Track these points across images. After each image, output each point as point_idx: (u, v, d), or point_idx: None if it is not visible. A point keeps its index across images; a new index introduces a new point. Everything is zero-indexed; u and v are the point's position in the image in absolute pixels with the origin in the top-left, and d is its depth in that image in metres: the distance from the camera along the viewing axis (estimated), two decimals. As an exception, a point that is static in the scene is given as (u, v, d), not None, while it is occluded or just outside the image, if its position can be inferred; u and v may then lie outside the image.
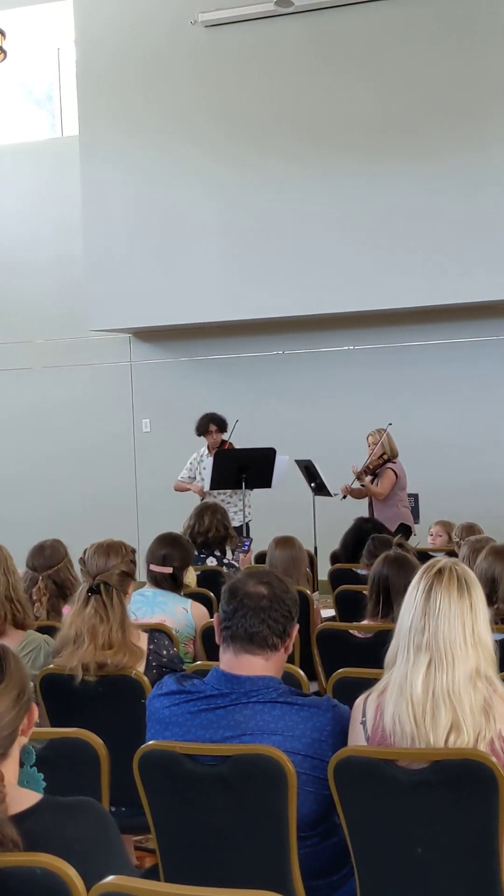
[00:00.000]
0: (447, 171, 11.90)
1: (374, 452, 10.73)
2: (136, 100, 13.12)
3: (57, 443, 14.40)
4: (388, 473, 10.63)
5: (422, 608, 3.31)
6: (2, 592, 4.83)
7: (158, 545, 6.21)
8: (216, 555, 7.93)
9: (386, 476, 10.63)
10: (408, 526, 10.56)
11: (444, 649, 3.27)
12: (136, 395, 14.20)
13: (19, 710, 2.68)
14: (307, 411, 13.20)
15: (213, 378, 13.68)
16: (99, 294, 13.30)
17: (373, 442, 10.79)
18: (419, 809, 3.22)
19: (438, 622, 3.28)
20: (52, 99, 15.50)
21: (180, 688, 3.56)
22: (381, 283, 12.16)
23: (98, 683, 4.55)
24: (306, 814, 3.39)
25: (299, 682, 4.31)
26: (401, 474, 10.69)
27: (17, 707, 2.67)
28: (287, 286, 12.49)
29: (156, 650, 4.77)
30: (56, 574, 5.96)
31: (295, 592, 3.66)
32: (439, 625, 3.28)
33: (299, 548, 7.15)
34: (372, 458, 10.72)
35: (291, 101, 12.50)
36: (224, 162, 12.74)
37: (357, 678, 4.30)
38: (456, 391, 12.76)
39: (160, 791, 3.50)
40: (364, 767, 3.25)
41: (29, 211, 14.62)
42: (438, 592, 3.30)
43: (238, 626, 3.49)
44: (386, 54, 12.11)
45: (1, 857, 2.43)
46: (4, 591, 4.84)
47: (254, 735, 3.41)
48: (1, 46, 8.97)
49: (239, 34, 12.65)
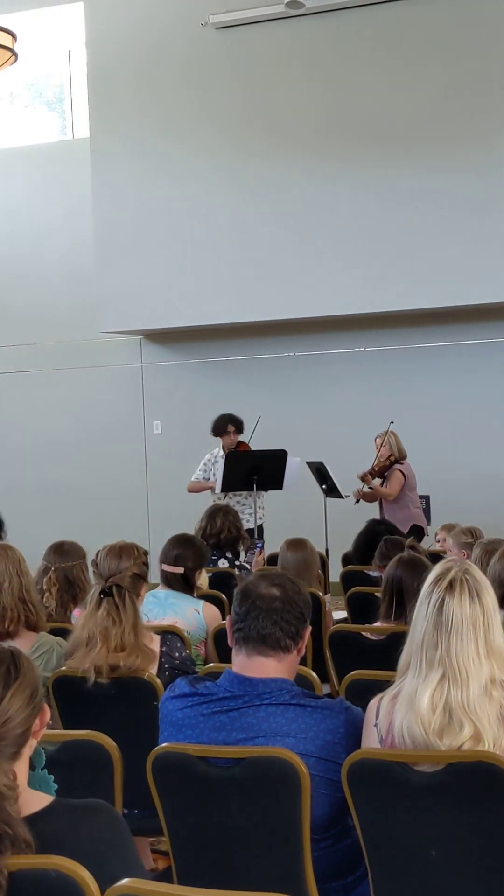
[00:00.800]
0: (454, 173, 11.89)
1: (381, 454, 10.70)
2: (147, 102, 13.13)
3: (67, 445, 14.40)
4: (396, 474, 10.59)
5: (434, 623, 3.29)
6: (15, 593, 4.83)
7: (172, 545, 6.21)
8: (228, 556, 7.92)
9: (394, 477, 10.59)
10: (420, 527, 10.51)
11: (457, 665, 3.25)
12: (147, 396, 14.20)
13: (32, 710, 2.70)
14: (318, 413, 13.18)
15: (223, 380, 13.68)
16: (109, 296, 13.30)
17: (380, 444, 10.76)
18: (433, 811, 3.21)
19: (451, 639, 3.26)
20: (63, 101, 15.51)
21: (193, 690, 3.56)
22: (392, 285, 12.14)
23: (110, 685, 4.55)
24: (320, 816, 3.38)
25: (312, 684, 4.30)
26: (409, 475, 10.64)
27: (30, 706, 2.69)
28: (298, 288, 12.49)
29: (168, 652, 4.77)
30: (69, 570, 5.97)
31: (307, 594, 3.66)
32: (452, 641, 3.26)
33: (311, 550, 7.13)
34: (379, 459, 10.70)
35: (303, 101, 12.49)
36: (235, 164, 12.74)
37: (370, 680, 4.29)
38: (468, 392, 12.74)
39: (173, 793, 3.50)
40: (378, 770, 3.24)
41: (40, 213, 14.63)
42: (451, 608, 3.28)
43: (250, 628, 3.48)
44: (396, 53, 12.09)
45: (15, 859, 2.43)
46: (17, 593, 4.84)
47: (267, 737, 3.41)
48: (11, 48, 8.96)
49: (250, 36, 12.65)
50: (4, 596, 4.81)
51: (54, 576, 5.90)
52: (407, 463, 10.69)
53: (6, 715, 2.64)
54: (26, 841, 2.44)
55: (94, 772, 3.72)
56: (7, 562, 4.88)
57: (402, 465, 10.65)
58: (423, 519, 10.77)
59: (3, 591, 4.80)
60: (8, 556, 4.92)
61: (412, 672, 3.32)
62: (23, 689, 2.69)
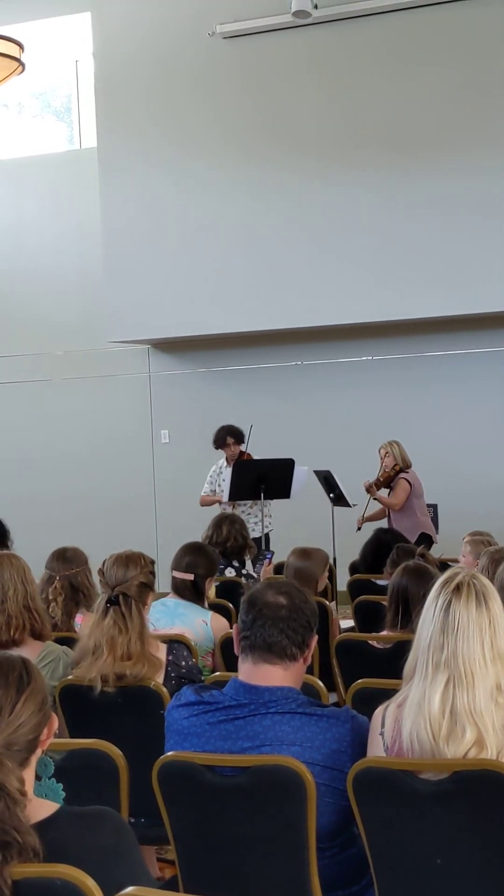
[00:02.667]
0: (463, 183, 11.90)
1: (386, 464, 10.69)
2: (154, 111, 13.15)
3: (75, 454, 14.42)
4: (401, 483, 10.57)
5: (440, 625, 3.29)
6: (20, 601, 4.84)
7: (183, 553, 6.22)
8: (234, 565, 7.92)
9: (399, 486, 10.57)
10: (428, 535, 10.47)
11: (463, 668, 3.25)
12: (155, 406, 14.21)
13: (42, 717, 2.72)
14: (325, 421, 13.19)
15: (231, 389, 13.68)
16: (117, 305, 13.32)
17: (384, 454, 10.75)
18: (438, 820, 3.21)
19: (457, 641, 3.26)
20: (71, 111, 15.54)
21: (199, 698, 3.56)
22: (399, 294, 12.15)
23: (117, 694, 4.55)
24: (325, 825, 3.38)
25: (318, 693, 4.30)
26: (415, 482, 10.62)
27: (40, 714, 2.72)
28: (306, 297, 12.50)
29: (174, 661, 4.77)
30: (74, 577, 5.98)
31: (314, 603, 3.65)
32: (458, 643, 3.26)
33: (316, 561, 7.08)
34: (384, 470, 10.69)
35: (310, 110, 12.51)
36: (242, 173, 12.76)
37: (377, 688, 4.29)
38: (476, 400, 12.73)
39: (179, 802, 3.50)
40: (383, 778, 3.24)
41: (47, 223, 14.66)
42: (457, 610, 3.28)
43: (257, 636, 3.49)
44: (403, 63, 12.11)
45: (21, 867, 2.43)
46: (22, 601, 4.85)
47: (273, 746, 3.41)
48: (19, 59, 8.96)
49: (257, 46, 12.67)
50: (9, 604, 4.81)
51: (59, 585, 5.91)
52: (412, 471, 10.69)
53: (19, 720, 2.67)
54: (34, 849, 2.45)
55: (100, 780, 3.71)
56: (12, 570, 4.89)
57: (408, 474, 10.64)
58: (432, 527, 10.75)
59: (7, 600, 4.81)
60: (13, 564, 4.92)
61: (418, 676, 3.31)
62: (34, 696, 2.72)
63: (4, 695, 2.69)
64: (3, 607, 4.82)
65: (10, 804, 2.44)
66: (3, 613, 4.81)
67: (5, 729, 2.64)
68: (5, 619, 4.81)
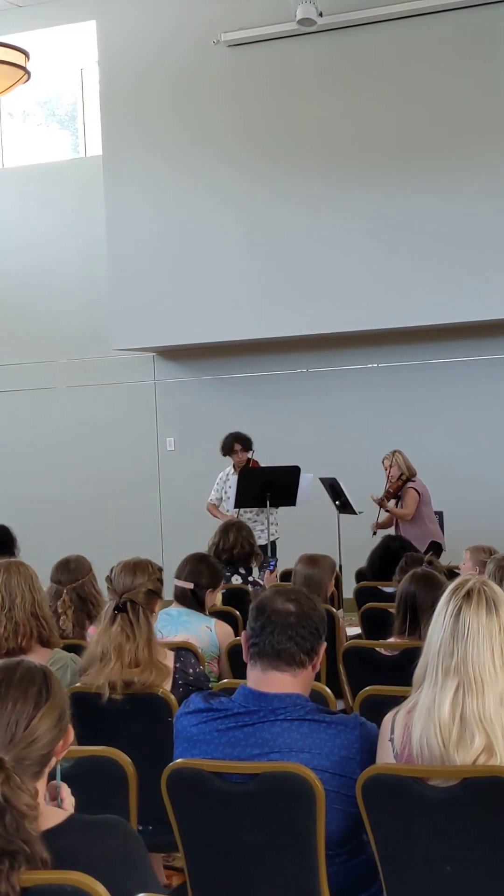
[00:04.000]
0: (469, 189, 11.90)
1: (391, 475, 10.66)
2: (160, 119, 13.17)
3: (81, 462, 14.42)
4: (410, 493, 10.54)
5: (450, 631, 3.29)
6: (27, 609, 4.84)
7: (186, 562, 6.24)
8: (241, 572, 7.92)
9: (409, 496, 10.54)
10: (438, 543, 10.41)
11: (473, 674, 3.25)
12: (161, 413, 14.22)
13: (59, 731, 2.72)
14: (331, 429, 13.18)
15: (237, 396, 13.69)
16: (122, 313, 13.33)
17: (388, 465, 10.71)
18: (448, 827, 3.21)
19: (467, 647, 3.26)
20: (76, 119, 15.56)
21: (208, 706, 3.56)
22: (405, 301, 12.15)
23: (125, 701, 4.55)
24: (334, 832, 3.38)
25: (326, 700, 4.30)
26: (422, 490, 10.60)
27: (56, 728, 2.72)
28: (310, 304, 12.50)
29: (182, 668, 4.77)
30: (80, 588, 6.00)
31: (322, 610, 3.66)
32: (468, 649, 3.26)
33: (324, 568, 7.09)
34: (390, 481, 10.66)
35: (314, 120, 12.52)
36: (247, 180, 12.77)
37: (385, 696, 4.29)
38: (481, 408, 12.72)
39: (188, 809, 3.50)
40: (392, 785, 3.24)
41: (52, 231, 14.67)
42: (467, 616, 3.28)
43: (265, 643, 3.49)
44: (408, 72, 12.12)
45: (31, 874, 2.43)
46: (30, 608, 4.85)
47: (281, 753, 3.41)
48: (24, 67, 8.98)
49: (261, 53, 12.68)
50: (17, 611, 4.81)
51: (67, 598, 5.92)
52: (419, 479, 10.66)
53: (33, 735, 2.67)
54: (43, 858, 2.45)
55: (108, 788, 3.72)
56: (19, 578, 4.89)
57: (415, 482, 10.62)
58: (441, 535, 10.73)
59: (15, 607, 4.81)
60: (20, 572, 4.93)
61: (428, 682, 3.31)
62: (52, 711, 2.72)
63: (22, 710, 2.68)
64: (10, 615, 4.82)
65: (17, 818, 2.44)
66: (11, 621, 4.82)
67: (19, 744, 2.64)
68: (13, 627, 4.81)
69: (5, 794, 2.45)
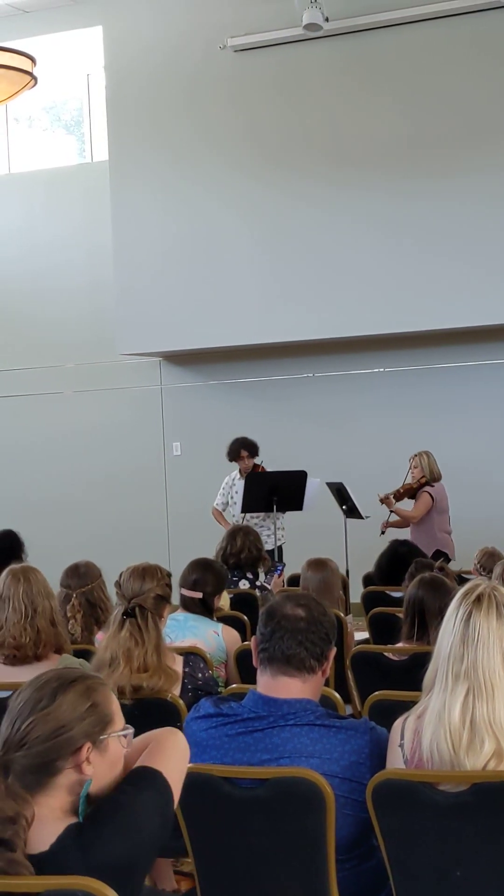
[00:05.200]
0: (478, 192, 11.91)
1: (414, 475, 10.57)
2: (166, 124, 13.18)
3: (88, 467, 14.43)
4: (423, 497, 10.42)
5: (460, 636, 3.29)
6: (47, 617, 4.87)
7: (191, 570, 6.23)
8: (248, 577, 7.92)
9: (421, 499, 10.42)
10: (444, 553, 10.18)
11: (483, 679, 3.24)
12: (167, 418, 14.22)
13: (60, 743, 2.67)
14: (338, 434, 13.18)
15: (243, 401, 13.69)
16: (129, 318, 13.34)
17: (413, 465, 10.64)
18: (458, 832, 3.21)
19: (477, 651, 3.26)
20: (81, 124, 15.58)
21: (217, 711, 3.56)
22: (412, 305, 12.15)
23: (134, 706, 4.54)
24: (344, 836, 3.39)
25: (335, 705, 4.29)
26: (438, 498, 10.44)
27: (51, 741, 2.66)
28: (317, 309, 12.50)
29: (191, 673, 4.77)
30: (89, 592, 6.02)
31: (332, 615, 3.66)
32: (478, 654, 3.26)
33: (333, 570, 7.13)
34: (407, 480, 10.60)
35: (321, 124, 12.53)
36: (254, 185, 12.78)
37: (393, 701, 4.29)
38: (488, 413, 12.70)
39: (198, 814, 3.50)
40: (402, 790, 3.24)
41: (59, 235, 14.68)
42: (478, 620, 3.28)
43: (275, 648, 3.49)
44: (413, 76, 12.13)
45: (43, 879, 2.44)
46: (49, 616, 4.88)
47: (292, 758, 3.41)
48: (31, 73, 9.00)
49: (268, 58, 12.70)
50: (39, 620, 4.84)
51: (77, 602, 5.94)
52: (440, 485, 10.52)
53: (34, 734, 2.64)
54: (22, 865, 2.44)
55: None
56: (38, 585, 4.93)
57: (433, 488, 10.46)
58: (450, 545, 10.49)
59: (38, 615, 4.84)
60: (38, 579, 4.96)
61: (438, 686, 3.31)
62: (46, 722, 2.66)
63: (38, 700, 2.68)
64: (32, 623, 4.84)
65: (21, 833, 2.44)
66: (34, 629, 4.84)
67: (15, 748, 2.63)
68: (35, 635, 4.83)
69: None
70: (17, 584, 4.94)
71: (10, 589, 4.92)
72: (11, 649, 4.84)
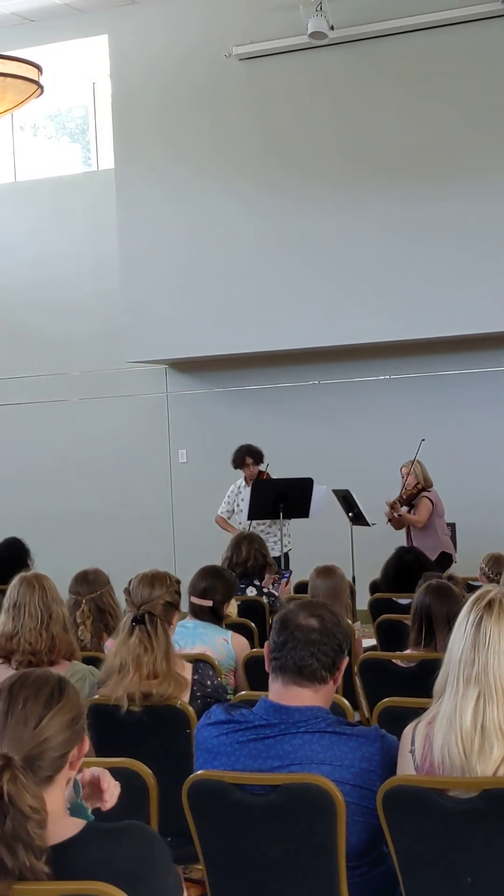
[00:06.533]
0: (485, 199, 11.91)
1: (407, 483, 10.66)
2: (172, 133, 13.21)
3: (93, 474, 14.44)
4: (424, 502, 10.56)
5: (472, 640, 3.30)
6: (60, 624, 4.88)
7: (200, 577, 6.23)
8: (256, 584, 7.92)
9: (422, 504, 10.56)
10: (448, 554, 10.47)
11: (493, 683, 3.25)
12: (173, 425, 14.23)
13: (72, 735, 2.72)
14: (343, 441, 13.18)
15: (249, 408, 13.70)
16: (135, 326, 13.36)
17: (406, 473, 10.73)
18: (469, 838, 3.22)
19: (488, 656, 3.26)
20: (85, 132, 15.60)
21: (229, 717, 3.57)
22: (417, 313, 12.16)
23: (143, 713, 4.56)
24: (355, 843, 3.39)
25: (344, 711, 4.30)
26: (437, 502, 10.61)
27: (70, 731, 2.71)
28: (322, 316, 12.51)
29: (200, 680, 4.77)
30: (98, 599, 6.05)
31: (346, 625, 3.66)
32: (489, 658, 3.26)
33: (341, 577, 7.13)
34: (406, 488, 10.66)
35: (327, 132, 12.55)
36: (259, 192, 12.80)
37: (403, 707, 4.30)
38: (494, 420, 12.71)
39: (209, 821, 3.51)
40: (413, 797, 3.24)
41: (64, 244, 14.70)
42: (488, 625, 3.29)
43: (287, 658, 3.50)
44: (420, 83, 12.14)
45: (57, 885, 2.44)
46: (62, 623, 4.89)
47: (302, 765, 3.41)
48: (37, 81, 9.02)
49: (273, 67, 12.72)
50: (54, 626, 4.85)
51: (86, 608, 5.95)
52: (434, 491, 10.68)
53: (43, 735, 2.66)
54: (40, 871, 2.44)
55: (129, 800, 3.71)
56: (52, 592, 4.95)
57: (430, 493, 10.63)
58: (451, 546, 10.74)
59: (53, 622, 4.85)
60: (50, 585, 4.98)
61: (449, 691, 3.31)
62: (63, 714, 2.71)
63: (32, 707, 2.68)
64: (48, 629, 4.85)
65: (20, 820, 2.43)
66: (49, 635, 4.85)
67: (29, 742, 2.63)
68: (49, 642, 4.84)
69: (10, 793, 2.44)
70: (33, 590, 4.95)
71: (26, 596, 4.93)
72: (27, 655, 4.85)
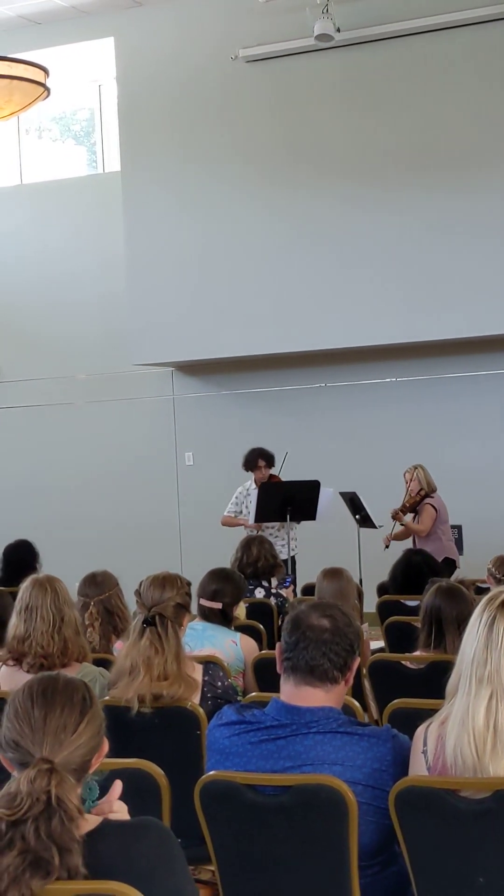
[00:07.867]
0: (493, 201, 11.91)
1: (411, 489, 10.64)
2: (178, 135, 13.22)
3: (99, 477, 14.44)
4: (427, 509, 10.50)
5: (484, 640, 3.30)
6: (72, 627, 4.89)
7: (210, 580, 6.24)
8: (265, 585, 7.93)
9: (426, 512, 10.50)
10: (452, 560, 10.43)
11: None
12: (179, 428, 14.23)
13: (98, 741, 2.75)
14: (350, 443, 13.18)
15: (255, 411, 13.70)
16: (141, 328, 13.37)
17: (409, 478, 10.71)
18: (481, 839, 3.22)
19: (501, 656, 3.27)
20: (91, 135, 15.62)
21: (240, 718, 3.57)
22: (424, 315, 12.16)
23: (154, 715, 4.56)
24: (367, 843, 3.40)
25: (354, 712, 4.30)
26: (440, 508, 10.55)
27: (98, 737, 2.75)
28: (329, 319, 12.52)
29: (210, 682, 4.78)
30: (107, 601, 6.06)
31: (357, 625, 3.67)
32: (501, 658, 3.27)
33: (348, 579, 7.13)
34: (409, 495, 10.64)
35: (331, 136, 12.56)
36: (266, 196, 12.81)
37: (413, 709, 4.30)
38: (500, 422, 12.70)
39: (221, 821, 3.52)
40: (425, 797, 3.25)
41: (70, 246, 14.71)
42: (501, 626, 3.29)
43: (299, 658, 3.50)
44: (427, 86, 12.14)
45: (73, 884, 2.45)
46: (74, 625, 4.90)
47: (314, 765, 3.42)
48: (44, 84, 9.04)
49: (279, 69, 12.73)
50: (66, 629, 4.86)
51: (95, 610, 5.97)
52: (437, 496, 10.62)
53: (80, 740, 2.69)
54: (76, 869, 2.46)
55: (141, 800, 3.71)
56: (64, 594, 4.96)
57: (433, 499, 10.57)
58: (455, 551, 10.70)
59: (65, 624, 4.86)
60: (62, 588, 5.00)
61: (461, 691, 3.31)
62: (94, 720, 2.76)
63: (70, 714, 2.71)
64: (60, 632, 4.87)
65: (66, 821, 2.47)
66: (61, 638, 4.87)
67: (67, 747, 2.66)
68: (62, 644, 4.86)
69: (59, 795, 2.49)
70: (45, 593, 4.96)
71: (38, 599, 4.95)
72: (39, 658, 4.86)
